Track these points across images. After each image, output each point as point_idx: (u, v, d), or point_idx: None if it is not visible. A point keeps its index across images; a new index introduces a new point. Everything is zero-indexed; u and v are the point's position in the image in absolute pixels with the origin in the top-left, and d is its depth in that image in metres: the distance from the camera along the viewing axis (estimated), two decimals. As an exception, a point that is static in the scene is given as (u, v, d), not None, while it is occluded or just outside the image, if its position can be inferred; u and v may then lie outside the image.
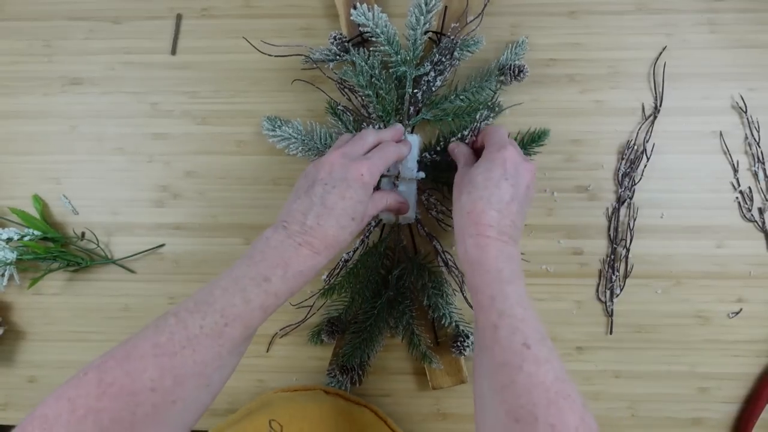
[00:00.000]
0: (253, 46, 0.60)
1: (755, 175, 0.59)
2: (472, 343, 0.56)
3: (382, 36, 0.55)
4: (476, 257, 0.41)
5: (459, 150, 0.51)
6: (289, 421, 0.42)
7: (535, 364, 0.35)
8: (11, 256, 0.58)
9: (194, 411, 0.36)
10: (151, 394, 0.33)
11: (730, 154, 0.59)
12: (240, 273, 0.38)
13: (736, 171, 0.59)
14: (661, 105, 0.60)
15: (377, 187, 0.57)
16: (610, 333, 0.59)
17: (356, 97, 0.59)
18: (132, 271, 0.62)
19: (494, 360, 0.36)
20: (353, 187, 0.42)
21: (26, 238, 0.59)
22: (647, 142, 0.59)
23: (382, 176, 0.55)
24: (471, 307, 0.59)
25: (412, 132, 0.58)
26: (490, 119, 0.59)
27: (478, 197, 0.43)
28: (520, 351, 0.36)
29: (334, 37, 0.57)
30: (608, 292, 0.59)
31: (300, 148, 0.58)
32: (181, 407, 0.34)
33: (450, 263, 0.58)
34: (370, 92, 0.56)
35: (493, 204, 0.42)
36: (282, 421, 0.41)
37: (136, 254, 0.61)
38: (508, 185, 0.43)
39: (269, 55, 0.60)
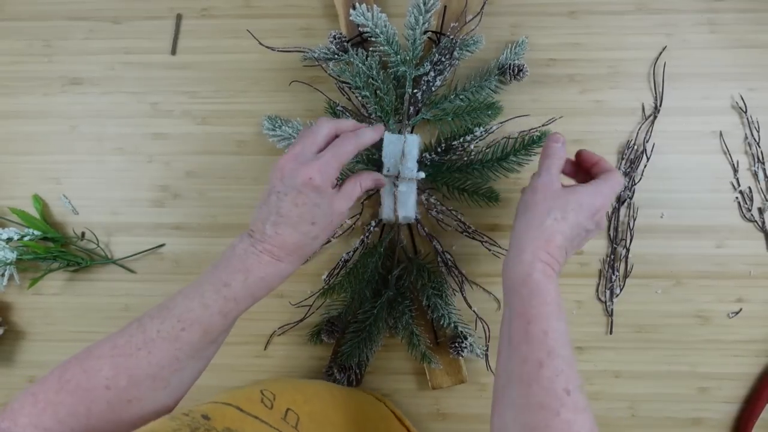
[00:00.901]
0: (257, 40, 0.60)
1: (755, 175, 0.59)
2: (470, 344, 0.56)
3: (381, 36, 0.55)
4: (542, 285, 0.39)
5: (555, 152, 0.46)
6: (281, 392, 0.42)
7: (573, 412, 0.35)
8: (11, 256, 0.58)
9: (154, 411, 0.37)
10: (105, 391, 0.35)
11: (730, 154, 0.59)
12: (203, 279, 0.39)
13: (736, 171, 0.59)
14: (661, 105, 0.59)
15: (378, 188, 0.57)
16: (610, 333, 0.59)
17: (356, 97, 0.59)
18: (132, 271, 0.62)
19: (530, 398, 0.36)
20: (304, 193, 0.40)
21: (26, 238, 0.59)
22: (647, 142, 0.59)
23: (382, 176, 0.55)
24: (480, 318, 0.59)
25: (411, 132, 0.58)
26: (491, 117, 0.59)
27: (562, 231, 0.41)
28: (561, 396, 0.35)
29: (334, 36, 0.57)
30: (608, 292, 0.59)
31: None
32: (138, 406, 0.36)
33: (450, 263, 0.58)
34: (368, 93, 0.56)
35: (567, 243, 0.42)
36: (274, 391, 0.41)
37: (136, 254, 0.61)
38: (583, 233, 0.43)
39: (272, 49, 0.60)
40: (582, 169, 0.49)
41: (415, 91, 0.57)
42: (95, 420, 0.34)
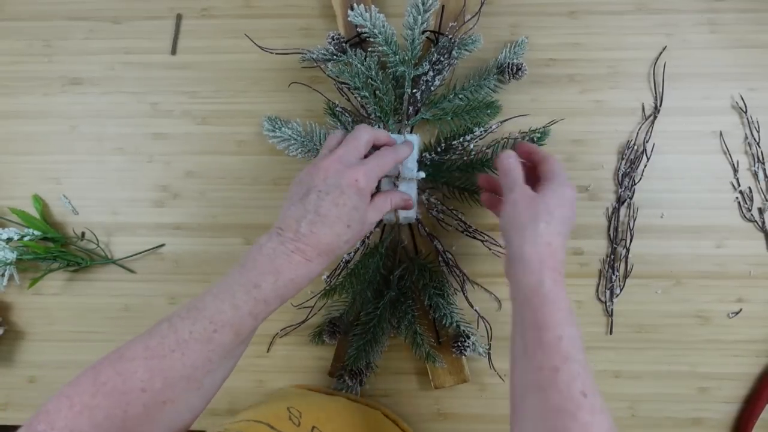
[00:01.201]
0: (254, 43, 0.60)
1: (755, 175, 0.59)
2: (472, 343, 0.56)
3: (380, 36, 0.55)
4: (553, 293, 0.40)
5: (515, 166, 0.46)
6: (307, 409, 0.42)
7: (591, 414, 0.35)
8: (11, 256, 0.58)
9: (186, 413, 0.37)
10: (141, 394, 0.34)
11: (730, 154, 0.59)
12: (231, 280, 0.39)
13: (736, 171, 0.59)
14: (661, 105, 0.59)
15: (378, 188, 0.57)
16: (610, 333, 0.59)
17: (355, 98, 0.59)
18: (132, 271, 0.62)
19: (548, 403, 0.36)
20: (347, 194, 0.41)
21: (26, 238, 0.59)
22: (647, 142, 0.59)
23: (383, 177, 0.55)
24: (482, 317, 0.59)
25: (411, 132, 0.58)
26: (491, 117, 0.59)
27: (557, 232, 0.42)
28: (578, 399, 0.35)
29: (332, 37, 0.57)
30: (608, 292, 0.59)
31: (300, 149, 0.58)
32: (172, 408, 0.36)
33: (451, 263, 0.58)
34: (367, 93, 0.56)
35: (564, 243, 0.43)
36: (300, 409, 0.41)
37: (136, 254, 0.61)
38: (570, 227, 0.44)
39: (270, 51, 0.60)
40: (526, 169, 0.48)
41: (414, 90, 0.57)
42: (131, 423, 0.34)
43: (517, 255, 0.42)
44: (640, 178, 0.59)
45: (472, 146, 0.58)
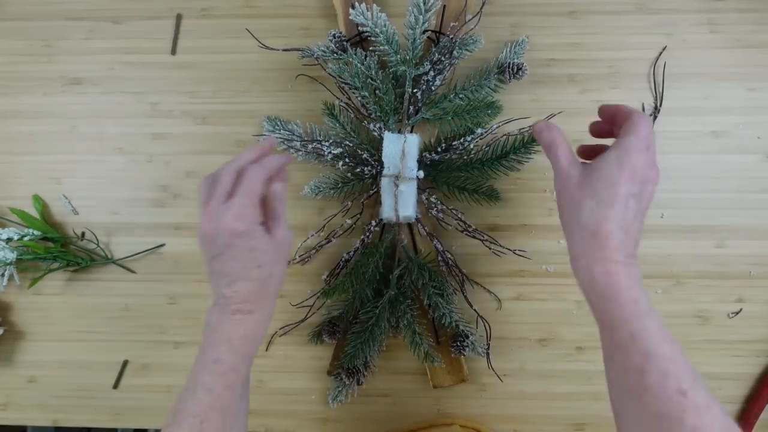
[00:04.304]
0: (257, 39, 0.60)
1: None
2: (471, 342, 0.56)
3: (381, 36, 0.55)
4: (607, 288, 0.37)
5: (556, 139, 0.41)
6: None
7: (697, 416, 0.32)
8: (11, 256, 0.58)
9: None
10: None
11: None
12: (197, 367, 0.40)
13: None
14: (661, 105, 0.59)
15: (361, 183, 0.57)
16: (610, 333, 0.59)
17: (356, 97, 0.59)
18: (132, 271, 0.62)
19: (647, 409, 0.33)
20: (234, 245, 0.40)
21: (26, 238, 0.59)
22: (647, 142, 0.59)
23: (383, 177, 0.55)
24: (481, 317, 0.59)
25: (411, 131, 0.58)
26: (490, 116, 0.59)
27: (604, 216, 0.37)
28: (678, 400, 0.32)
29: (333, 35, 0.57)
30: (608, 292, 0.59)
31: (300, 150, 0.58)
32: None
33: (450, 262, 0.58)
34: (367, 93, 0.56)
35: (619, 223, 0.37)
36: None
37: (136, 254, 0.61)
38: (634, 201, 0.38)
39: (272, 49, 0.60)
40: (615, 123, 0.43)
41: (415, 90, 0.57)
42: None
43: (569, 249, 0.39)
44: (640, 178, 0.59)
45: (472, 146, 0.58)
